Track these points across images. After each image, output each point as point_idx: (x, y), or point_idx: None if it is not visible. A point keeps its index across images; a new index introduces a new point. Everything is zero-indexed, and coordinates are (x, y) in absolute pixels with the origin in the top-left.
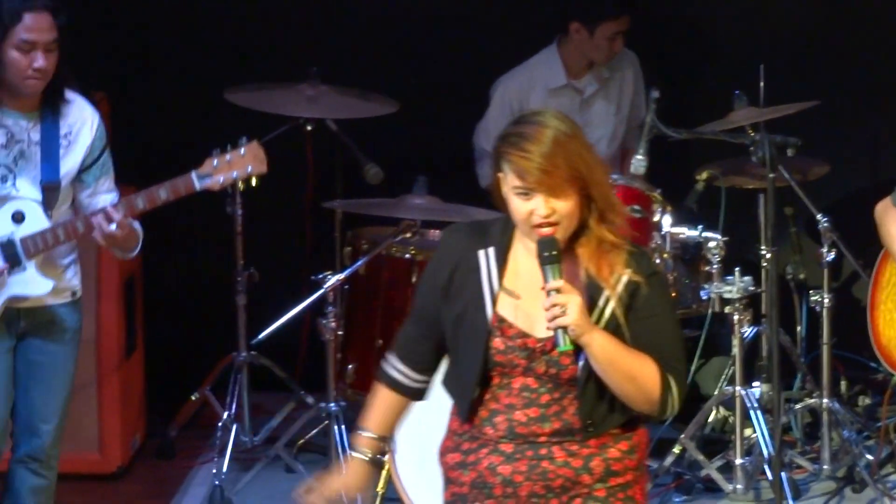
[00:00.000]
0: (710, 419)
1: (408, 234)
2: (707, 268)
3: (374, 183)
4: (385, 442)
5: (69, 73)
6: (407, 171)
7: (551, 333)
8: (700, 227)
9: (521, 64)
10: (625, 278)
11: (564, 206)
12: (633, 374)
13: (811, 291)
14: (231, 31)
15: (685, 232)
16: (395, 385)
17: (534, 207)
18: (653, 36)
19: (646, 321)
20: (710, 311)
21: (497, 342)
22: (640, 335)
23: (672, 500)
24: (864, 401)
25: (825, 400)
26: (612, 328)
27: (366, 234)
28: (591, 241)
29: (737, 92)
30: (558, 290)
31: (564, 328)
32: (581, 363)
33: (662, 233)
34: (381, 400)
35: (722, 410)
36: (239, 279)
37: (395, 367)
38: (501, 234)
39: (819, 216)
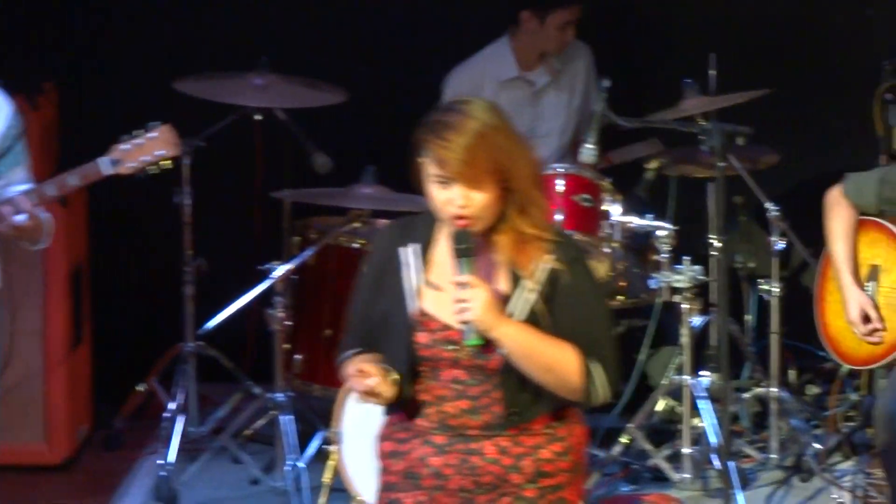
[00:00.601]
0: (659, 409)
1: (356, 224)
2: (656, 257)
3: (322, 172)
4: None
5: None
6: (356, 160)
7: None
8: (649, 216)
9: (472, 56)
10: (546, 266)
11: (482, 199)
12: (550, 365)
13: (760, 281)
14: (180, 20)
15: (634, 221)
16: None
17: (451, 197)
18: (604, 25)
19: (569, 308)
20: (659, 300)
21: (421, 336)
22: (563, 322)
23: (619, 490)
24: (813, 390)
25: (773, 389)
26: (533, 319)
27: (314, 223)
28: (510, 232)
29: (687, 80)
30: (466, 285)
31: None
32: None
33: (612, 222)
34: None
35: (670, 400)
36: (187, 269)
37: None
38: (425, 228)
39: (768, 205)
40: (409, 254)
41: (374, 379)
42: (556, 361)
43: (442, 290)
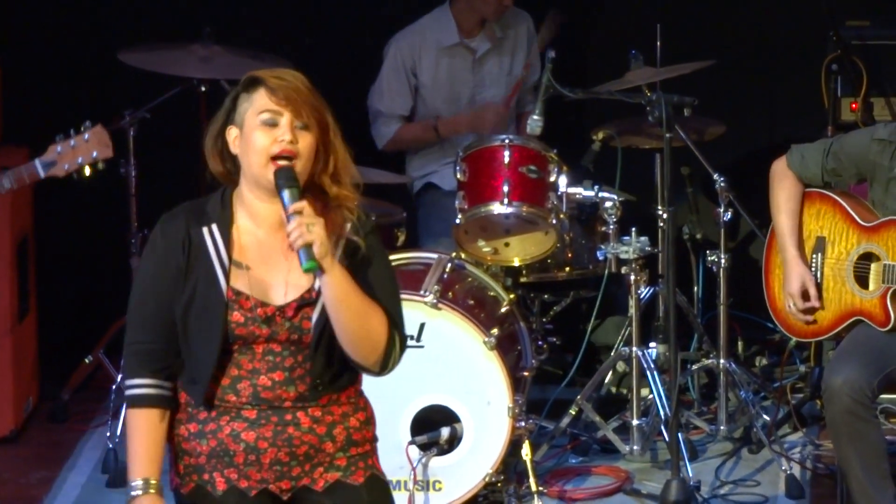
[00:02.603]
0: (607, 380)
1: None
2: (603, 228)
3: None
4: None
5: None
6: None
7: (290, 298)
8: (596, 187)
9: (412, 23)
10: (345, 239)
11: (307, 139)
12: (365, 310)
13: (708, 252)
14: None
15: (581, 192)
16: (157, 401)
17: (277, 134)
18: None
19: (366, 279)
20: (606, 271)
21: (236, 315)
22: (362, 284)
23: (568, 462)
24: (762, 361)
25: (722, 361)
26: None
27: None
28: (316, 199)
29: (633, 51)
30: (301, 213)
31: (309, 246)
32: (314, 321)
33: (559, 193)
34: (146, 428)
35: (620, 365)
36: (133, 241)
37: (147, 384)
38: (221, 210)
39: (716, 176)
40: (215, 233)
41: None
42: (370, 310)
43: (250, 269)
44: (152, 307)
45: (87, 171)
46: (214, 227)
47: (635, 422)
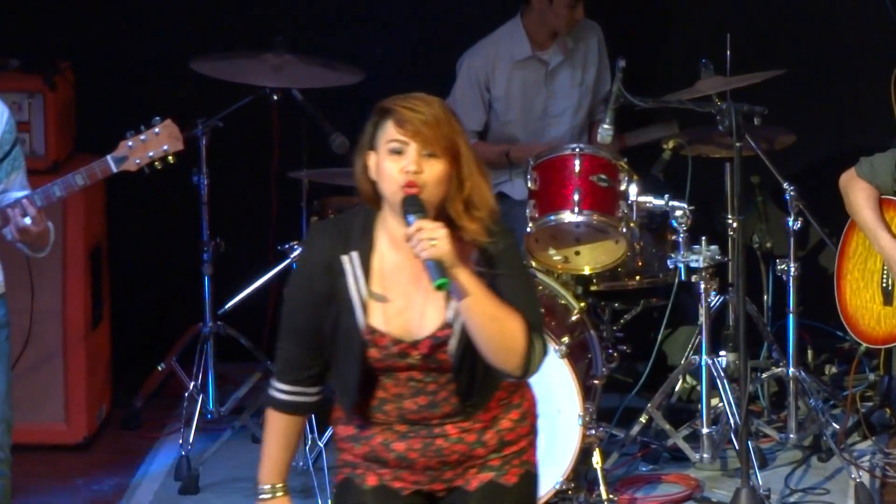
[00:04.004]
0: (677, 389)
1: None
2: (673, 237)
3: (340, 153)
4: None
5: None
6: None
7: (426, 333)
8: (666, 196)
9: (485, 37)
10: (472, 266)
11: (435, 168)
12: (500, 314)
13: (777, 260)
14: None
15: (652, 201)
16: (297, 408)
17: (404, 164)
18: (619, 5)
19: (501, 282)
20: (676, 280)
21: (373, 352)
22: (497, 295)
23: (639, 469)
24: (831, 370)
25: (791, 369)
26: None
27: (332, 203)
28: (449, 226)
29: (703, 60)
30: (421, 229)
31: (437, 261)
32: (451, 351)
33: (629, 202)
34: (281, 432)
35: (689, 380)
36: (205, 249)
37: (290, 391)
38: (362, 236)
39: (785, 185)
40: (354, 262)
41: None
42: (505, 312)
43: (389, 301)
44: (301, 322)
45: (158, 165)
46: (355, 255)
47: (705, 430)
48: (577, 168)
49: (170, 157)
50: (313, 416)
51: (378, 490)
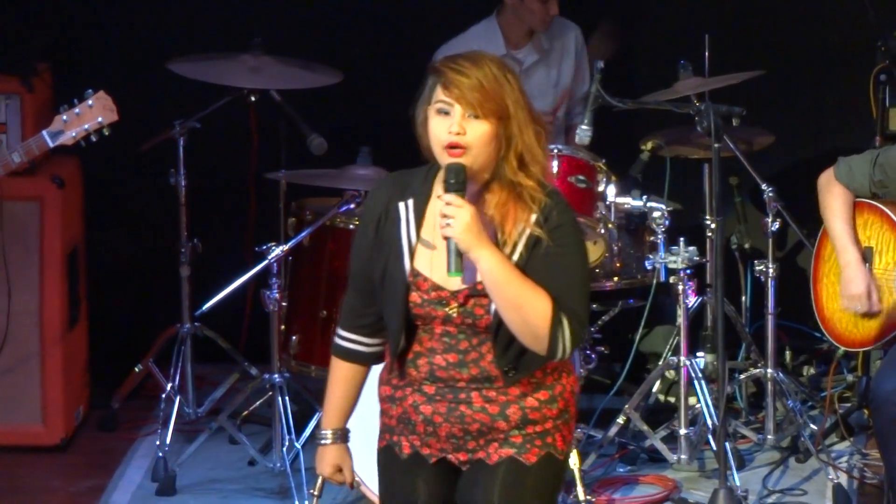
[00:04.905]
0: (655, 389)
1: (352, 205)
2: (652, 238)
3: (318, 154)
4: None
5: None
6: (351, 141)
7: (466, 284)
8: (645, 196)
9: (458, 35)
10: (528, 231)
11: (479, 129)
12: (520, 302)
13: (756, 261)
14: (174, 1)
15: (630, 202)
16: (354, 357)
17: (450, 123)
18: (597, 6)
19: (545, 260)
20: (654, 281)
21: (414, 296)
22: (538, 273)
23: (616, 470)
24: (809, 371)
25: (769, 370)
26: None
27: (310, 204)
28: (503, 188)
29: (682, 61)
30: (451, 205)
31: (457, 249)
32: (493, 310)
33: (607, 203)
34: (342, 379)
35: (671, 373)
36: (183, 250)
37: (349, 339)
38: (422, 184)
39: (764, 186)
40: (409, 208)
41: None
42: (527, 300)
43: (435, 249)
44: (357, 267)
45: (94, 137)
46: (411, 202)
47: (683, 431)
48: (555, 169)
49: (105, 130)
50: (291, 417)
51: (411, 458)
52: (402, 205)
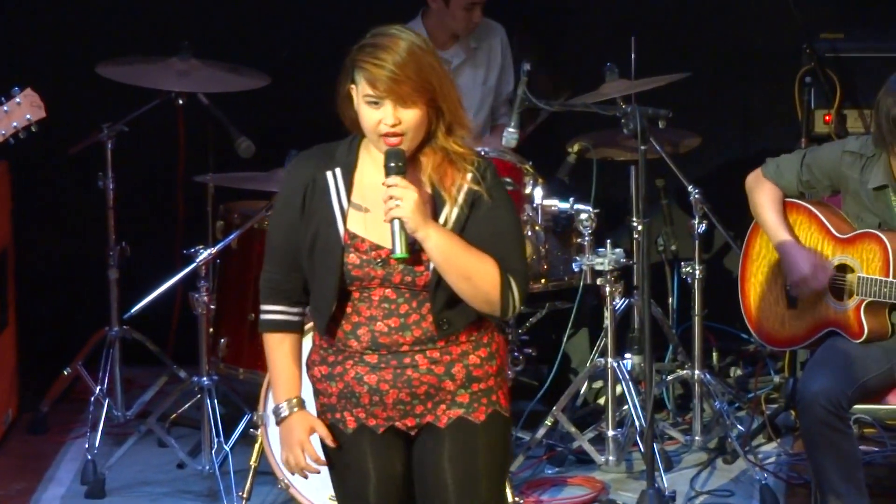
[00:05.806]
0: (583, 391)
1: None
2: (579, 240)
3: (245, 157)
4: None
5: None
6: (279, 144)
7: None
8: (571, 199)
9: None
10: (466, 187)
11: (412, 116)
12: (470, 273)
13: (683, 263)
14: (101, 4)
15: (557, 204)
16: (285, 326)
17: (382, 117)
18: (522, 8)
19: (485, 225)
20: (581, 283)
21: (352, 258)
22: (480, 236)
23: (544, 472)
24: (736, 372)
25: (697, 371)
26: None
27: (238, 207)
28: (436, 152)
29: (608, 64)
30: (395, 186)
31: (401, 224)
32: (433, 267)
33: (534, 205)
34: (280, 353)
35: (597, 383)
36: (111, 253)
37: (275, 311)
38: (347, 154)
39: (690, 188)
40: (338, 176)
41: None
42: (476, 270)
43: (368, 211)
44: (279, 242)
45: (22, 135)
46: (338, 170)
47: (611, 433)
48: None
49: (33, 127)
50: (220, 420)
51: (357, 431)
52: (329, 174)
